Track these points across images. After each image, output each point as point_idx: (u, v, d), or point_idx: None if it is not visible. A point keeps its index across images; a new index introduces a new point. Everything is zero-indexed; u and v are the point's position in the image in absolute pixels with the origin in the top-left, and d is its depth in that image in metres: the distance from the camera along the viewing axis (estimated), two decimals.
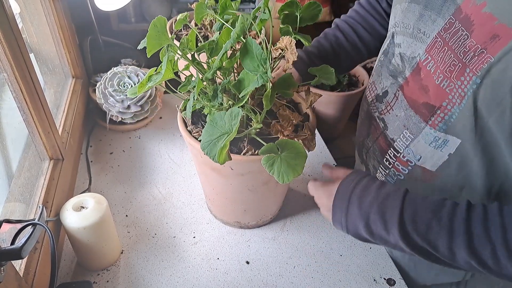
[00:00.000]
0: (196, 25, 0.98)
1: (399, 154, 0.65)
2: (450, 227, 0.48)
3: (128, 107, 0.97)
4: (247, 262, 0.74)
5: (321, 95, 0.70)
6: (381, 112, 0.68)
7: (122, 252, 0.74)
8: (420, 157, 0.61)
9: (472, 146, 0.53)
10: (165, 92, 1.15)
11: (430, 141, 0.58)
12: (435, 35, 0.55)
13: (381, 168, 0.70)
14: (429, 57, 0.56)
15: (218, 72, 0.58)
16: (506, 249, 0.44)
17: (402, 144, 0.63)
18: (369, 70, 1.29)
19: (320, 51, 0.78)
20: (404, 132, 0.62)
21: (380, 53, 0.71)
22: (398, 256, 0.78)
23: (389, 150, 0.67)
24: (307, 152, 0.53)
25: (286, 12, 0.64)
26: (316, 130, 0.79)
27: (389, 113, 0.65)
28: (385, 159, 0.68)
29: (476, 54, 0.48)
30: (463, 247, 0.47)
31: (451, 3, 0.53)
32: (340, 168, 0.63)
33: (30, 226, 0.52)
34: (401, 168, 0.65)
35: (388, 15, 0.72)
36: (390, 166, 0.68)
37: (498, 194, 0.57)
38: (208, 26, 0.98)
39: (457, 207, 0.49)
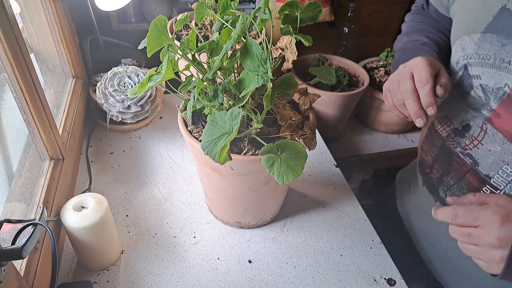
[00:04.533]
0: (196, 25, 0.98)
1: (498, 191, 0.61)
2: None
3: (129, 107, 0.97)
4: (250, 261, 0.74)
5: (319, 96, 0.70)
6: (465, 148, 0.65)
7: (122, 252, 0.74)
8: None
9: None
10: (166, 92, 1.15)
11: None
12: None
13: None
14: None
15: (218, 72, 0.58)
16: None
17: (502, 180, 0.60)
18: (369, 70, 1.28)
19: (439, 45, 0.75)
20: (504, 168, 0.59)
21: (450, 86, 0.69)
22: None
23: (484, 187, 0.63)
24: (307, 151, 0.53)
25: (286, 12, 0.65)
26: (316, 130, 0.79)
27: (478, 148, 0.62)
28: None
29: None
30: None
31: None
32: (489, 194, 0.53)
33: (31, 226, 0.53)
34: None
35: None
36: None
37: None
38: (209, 26, 0.98)
39: None
